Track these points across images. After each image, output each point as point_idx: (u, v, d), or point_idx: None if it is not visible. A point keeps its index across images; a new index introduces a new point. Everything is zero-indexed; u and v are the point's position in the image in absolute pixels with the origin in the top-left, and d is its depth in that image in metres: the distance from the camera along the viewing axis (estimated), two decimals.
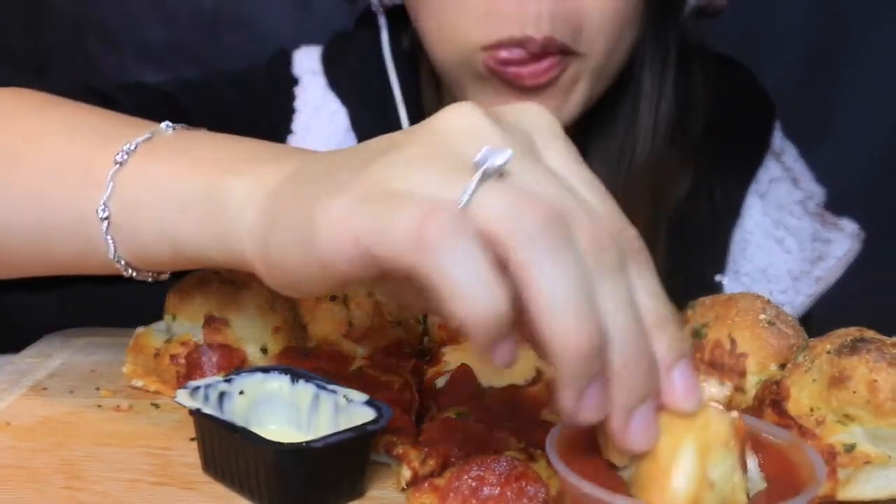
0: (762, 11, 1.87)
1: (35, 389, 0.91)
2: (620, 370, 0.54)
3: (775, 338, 0.83)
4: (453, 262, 0.51)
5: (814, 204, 1.30)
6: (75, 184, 0.77)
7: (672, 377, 0.57)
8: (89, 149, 0.77)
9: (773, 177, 1.29)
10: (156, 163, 0.74)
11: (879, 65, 1.90)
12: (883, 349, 0.73)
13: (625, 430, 0.56)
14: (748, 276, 1.25)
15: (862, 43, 1.91)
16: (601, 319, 0.53)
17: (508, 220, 0.52)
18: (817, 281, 1.26)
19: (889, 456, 0.74)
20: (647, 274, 0.57)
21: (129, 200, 0.74)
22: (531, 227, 0.51)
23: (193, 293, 0.90)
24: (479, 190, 0.53)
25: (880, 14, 1.90)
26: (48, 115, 0.82)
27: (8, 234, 0.80)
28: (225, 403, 0.78)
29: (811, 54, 1.92)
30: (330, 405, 0.77)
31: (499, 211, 0.52)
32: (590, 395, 0.55)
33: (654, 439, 0.57)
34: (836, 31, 1.91)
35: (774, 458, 0.65)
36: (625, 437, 0.57)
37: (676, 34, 1.16)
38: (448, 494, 0.69)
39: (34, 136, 0.80)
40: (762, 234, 1.27)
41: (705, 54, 1.22)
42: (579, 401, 0.55)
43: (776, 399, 0.77)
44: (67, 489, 0.73)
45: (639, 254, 0.56)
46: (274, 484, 0.70)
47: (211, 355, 0.87)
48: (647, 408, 0.56)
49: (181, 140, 0.76)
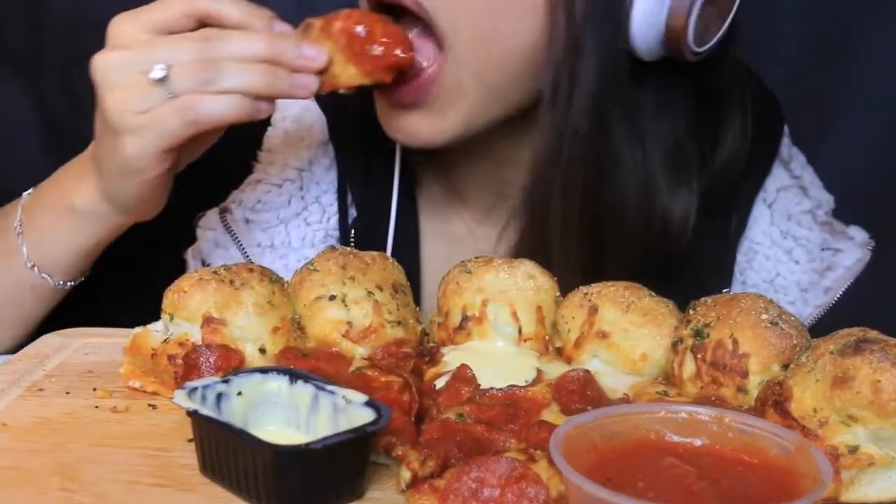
0: (763, 15, 1.87)
1: (32, 390, 0.91)
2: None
3: (778, 338, 0.82)
4: (209, 102, 0.99)
5: (823, 213, 1.29)
6: (3, 262, 1.14)
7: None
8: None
9: (781, 185, 1.28)
10: (36, 220, 1.13)
11: (880, 68, 1.90)
12: (887, 349, 0.73)
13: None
14: (755, 288, 1.24)
15: (863, 46, 1.90)
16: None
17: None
18: (826, 291, 1.25)
19: (893, 457, 0.73)
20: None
21: (38, 247, 1.13)
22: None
23: (191, 292, 0.89)
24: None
25: (881, 16, 1.89)
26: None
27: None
28: (223, 404, 0.77)
29: (812, 58, 1.91)
30: (329, 406, 0.76)
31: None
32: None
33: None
34: (836, 35, 1.90)
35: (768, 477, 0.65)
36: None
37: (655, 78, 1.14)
38: (448, 496, 0.69)
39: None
40: (770, 244, 1.26)
41: (741, 92, 1.22)
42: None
43: (779, 400, 0.77)
44: (64, 491, 0.73)
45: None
46: (273, 486, 0.69)
47: (209, 356, 0.86)
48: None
49: (33, 198, 1.15)
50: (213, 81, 0.99)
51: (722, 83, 1.20)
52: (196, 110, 0.99)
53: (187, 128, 1.00)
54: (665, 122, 1.16)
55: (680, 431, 0.70)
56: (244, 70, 1.00)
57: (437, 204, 1.29)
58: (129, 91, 0.99)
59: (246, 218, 1.24)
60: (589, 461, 0.66)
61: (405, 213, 1.26)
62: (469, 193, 1.28)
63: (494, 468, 0.69)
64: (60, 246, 1.13)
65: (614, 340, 0.89)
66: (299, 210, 1.25)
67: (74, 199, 1.10)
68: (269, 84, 1.01)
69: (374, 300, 0.93)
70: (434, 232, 1.29)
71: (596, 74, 1.08)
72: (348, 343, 0.91)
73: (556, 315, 0.94)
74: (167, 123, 0.99)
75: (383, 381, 0.84)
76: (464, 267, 0.97)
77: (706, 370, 0.83)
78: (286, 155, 1.25)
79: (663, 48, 1.08)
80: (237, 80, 1.00)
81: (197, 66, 0.98)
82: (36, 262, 1.13)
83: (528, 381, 0.86)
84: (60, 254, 1.13)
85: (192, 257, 1.26)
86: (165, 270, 0.98)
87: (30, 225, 1.13)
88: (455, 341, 0.95)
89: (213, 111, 1.00)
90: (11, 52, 1.96)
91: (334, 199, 1.26)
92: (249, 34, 1.01)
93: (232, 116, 1.01)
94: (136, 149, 1.00)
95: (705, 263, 1.24)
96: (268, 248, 1.24)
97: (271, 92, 1.03)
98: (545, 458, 0.72)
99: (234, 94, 1.00)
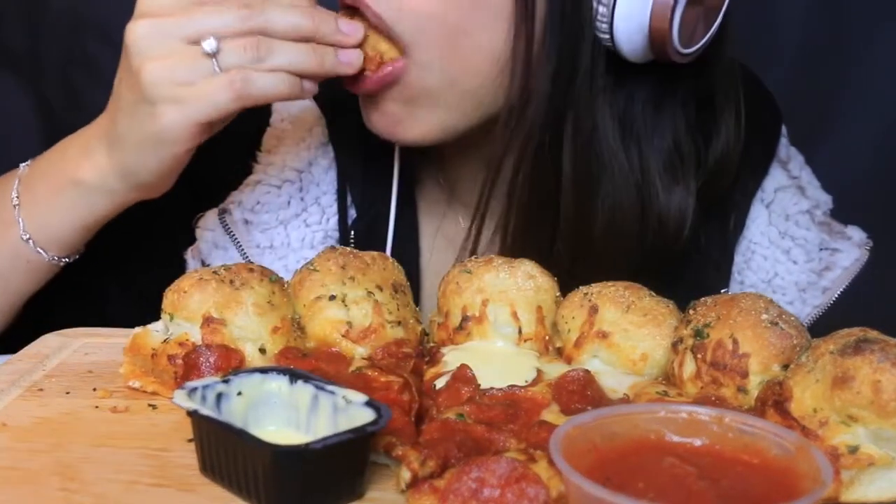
0: (763, 15, 1.87)
1: (32, 390, 0.91)
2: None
3: (778, 338, 0.82)
4: (259, 79, 1.00)
5: (820, 213, 1.29)
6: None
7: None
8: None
9: (779, 185, 1.28)
10: (36, 192, 1.12)
11: (880, 68, 1.90)
12: (887, 349, 0.73)
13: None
14: (753, 288, 1.24)
15: (862, 47, 1.90)
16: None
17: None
18: (824, 292, 1.25)
19: (893, 457, 0.73)
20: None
21: (36, 220, 1.12)
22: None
23: (191, 292, 0.89)
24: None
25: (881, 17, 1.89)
26: None
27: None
28: (223, 404, 0.77)
29: (811, 58, 1.91)
30: (329, 406, 0.76)
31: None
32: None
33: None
34: (836, 35, 1.90)
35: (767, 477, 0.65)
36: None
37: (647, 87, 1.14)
38: (448, 496, 0.69)
39: None
40: (768, 244, 1.26)
41: (734, 95, 1.21)
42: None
43: (779, 400, 0.77)
44: (64, 491, 0.73)
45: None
46: (273, 486, 0.69)
47: (209, 356, 0.86)
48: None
49: (32, 170, 1.14)
50: (264, 59, 1.00)
51: (716, 83, 1.20)
52: (247, 86, 0.99)
53: (235, 102, 1.00)
54: (662, 123, 1.16)
55: (680, 431, 0.70)
56: (294, 49, 1.01)
57: (437, 204, 1.29)
58: (172, 62, 0.99)
59: (245, 219, 1.24)
60: (589, 461, 0.66)
61: (405, 213, 1.26)
62: (469, 194, 1.28)
63: (494, 468, 0.69)
64: (59, 220, 1.11)
65: (614, 340, 0.89)
66: (299, 211, 1.25)
67: (79, 172, 1.08)
68: (317, 63, 1.03)
69: (374, 300, 0.93)
70: (434, 232, 1.29)
71: (552, 79, 1.08)
72: (348, 343, 0.91)
73: (556, 315, 0.94)
74: (215, 97, 0.99)
75: (383, 381, 0.84)
76: (464, 267, 0.97)
77: (706, 370, 0.83)
78: (286, 156, 1.25)
79: (650, 50, 1.08)
80: (287, 58, 1.01)
81: (249, 43, 0.99)
82: (32, 235, 1.11)
83: (528, 381, 0.86)
84: (59, 227, 1.11)
85: (191, 258, 1.26)
86: (165, 270, 0.97)
87: (28, 197, 1.12)
88: (455, 341, 0.95)
89: (263, 88, 1.00)
90: (11, 52, 1.96)
91: (333, 201, 1.26)
92: (287, 5, 1.02)
93: (281, 94, 1.02)
94: (175, 120, 1.00)
95: (704, 263, 1.24)
96: (267, 249, 1.23)
97: (319, 70, 1.04)
98: (545, 458, 0.72)
99: (282, 71, 1.01)
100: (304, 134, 1.27)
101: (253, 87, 1.00)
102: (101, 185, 1.08)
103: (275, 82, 1.01)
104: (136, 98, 1.01)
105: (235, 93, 0.99)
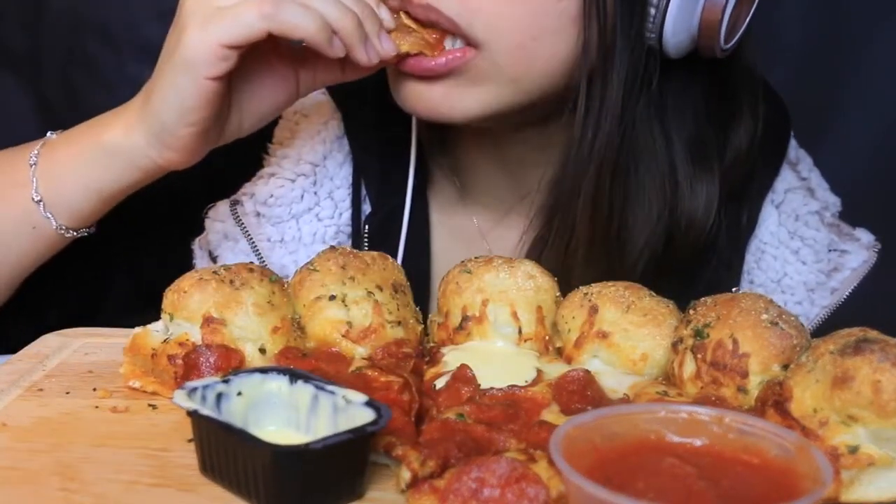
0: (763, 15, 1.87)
1: (32, 390, 0.91)
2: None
3: (778, 338, 0.82)
4: (290, 8, 0.99)
5: (829, 214, 1.29)
6: (6, 193, 1.10)
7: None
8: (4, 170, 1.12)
9: (789, 186, 1.29)
10: (57, 153, 1.09)
11: (879, 67, 1.90)
12: (887, 349, 0.73)
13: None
14: (762, 287, 1.25)
15: (863, 47, 1.90)
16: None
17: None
18: (832, 293, 1.25)
19: (893, 457, 0.73)
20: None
21: (51, 181, 1.08)
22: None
23: (191, 292, 0.89)
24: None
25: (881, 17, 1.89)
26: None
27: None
28: (223, 404, 0.77)
29: (812, 58, 1.91)
30: (329, 406, 0.76)
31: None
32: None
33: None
34: (837, 35, 1.90)
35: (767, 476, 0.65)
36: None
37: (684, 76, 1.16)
38: (448, 496, 0.69)
39: None
40: (777, 245, 1.26)
41: (754, 93, 1.23)
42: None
43: (779, 400, 0.77)
44: (64, 491, 0.73)
45: None
46: (272, 486, 0.69)
47: (209, 356, 0.86)
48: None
49: (59, 136, 1.11)
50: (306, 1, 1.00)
51: (737, 77, 1.21)
52: (276, 11, 0.98)
53: (260, 22, 0.98)
54: (687, 118, 1.17)
55: (680, 432, 0.70)
56: (335, 3, 1.01)
57: (450, 203, 1.29)
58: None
59: (257, 211, 1.23)
60: (589, 461, 0.66)
61: (418, 210, 1.25)
62: (484, 195, 1.28)
63: (494, 468, 0.69)
64: (74, 182, 1.08)
65: (614, 340, 0.89)
66: (311, 205, 1.24)
67: (105, 134, 1.07)
68: (353, 24, 1.02)
69: (374, 300, 0.93)
70: (446, 231, 1.29)
71: (625, 78, 1.08)
72: (348, 343, 0.91)
73: (557, 315, 0.94)
74: (242, 16, 0.98)
75: (383, 381, 0.84)
76: (464, 267, 0.97)
77: (706, 370, 0.83)
78: (301, 149, 1.25)
79: (694, 43, 1.09)
80: (326, 6, 1.00)
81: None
82: (44, 196, 1.08)
83: (528, 381, 0.86)
84: (73, 191, 1.08)
85: (199, 248, 1.25)
86: (172, 259, 0.97)
87: (48, 157, 1.09)
88: (455, 341, 0.95)
89: (292, 19, 0.99)
90: (11, 52, 1.96)
91: (347, 195, 1.25)
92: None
93: (307, 31, 1.00)
94: (201, 39, 0.98)
95: (718, 263, 1.25)
96: (278, 242, 1.23)
97: (354, 32, 1.02)
98: (545, 458, 0.72)
99: (316, 13, 1.00)
100: (319, 127, 1.26)
101: (282, 13, 0.99)
102: (124, 145, 1.06)
103: (305, 18, 0.99)
104: (174, 36, 1.01)
105: (263, 14, 0.98)
